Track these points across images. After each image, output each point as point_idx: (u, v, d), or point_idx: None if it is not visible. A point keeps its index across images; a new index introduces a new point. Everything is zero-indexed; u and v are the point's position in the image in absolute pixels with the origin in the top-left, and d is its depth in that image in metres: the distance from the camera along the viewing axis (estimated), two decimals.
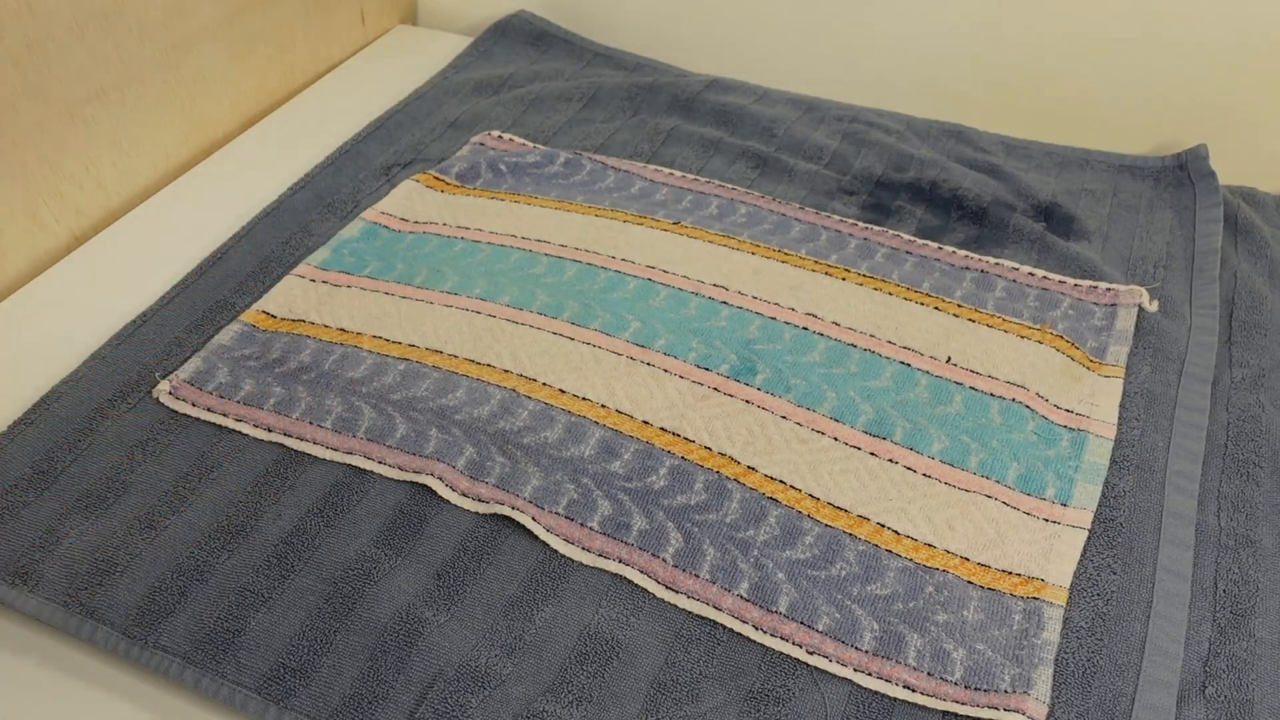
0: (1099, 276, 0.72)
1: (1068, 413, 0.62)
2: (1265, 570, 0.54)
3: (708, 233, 0.74)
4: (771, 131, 0.87)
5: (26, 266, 0.72)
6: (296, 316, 0.66)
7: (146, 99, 0.78)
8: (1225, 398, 0.64)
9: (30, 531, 0.53)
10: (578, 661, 0.49)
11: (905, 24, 0.91)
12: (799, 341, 0.65)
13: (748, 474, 0.57)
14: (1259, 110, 0.85)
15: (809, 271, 0.71)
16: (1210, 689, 0.49)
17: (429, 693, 0.47)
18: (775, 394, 0.61)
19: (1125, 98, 0.88)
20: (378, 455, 0.57)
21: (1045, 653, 0.49)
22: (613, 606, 0.51)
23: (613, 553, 0.53)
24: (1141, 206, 0.81)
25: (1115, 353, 0.66)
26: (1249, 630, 0.52)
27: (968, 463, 0.58)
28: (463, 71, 0.95)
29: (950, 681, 0.48)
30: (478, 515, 0.55)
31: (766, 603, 0.51)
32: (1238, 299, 0.72)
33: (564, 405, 0.60)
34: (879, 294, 0.69)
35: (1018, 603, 0.52)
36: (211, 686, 0.47)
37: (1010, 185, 0.81)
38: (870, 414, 0.61)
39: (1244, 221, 0.79)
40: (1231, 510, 0.58)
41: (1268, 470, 0.60)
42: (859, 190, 0.81)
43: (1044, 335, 0.66)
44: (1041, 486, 0.57)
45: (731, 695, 0.48)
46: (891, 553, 0.54)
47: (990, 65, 0.91)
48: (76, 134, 0.73)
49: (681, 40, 1.00)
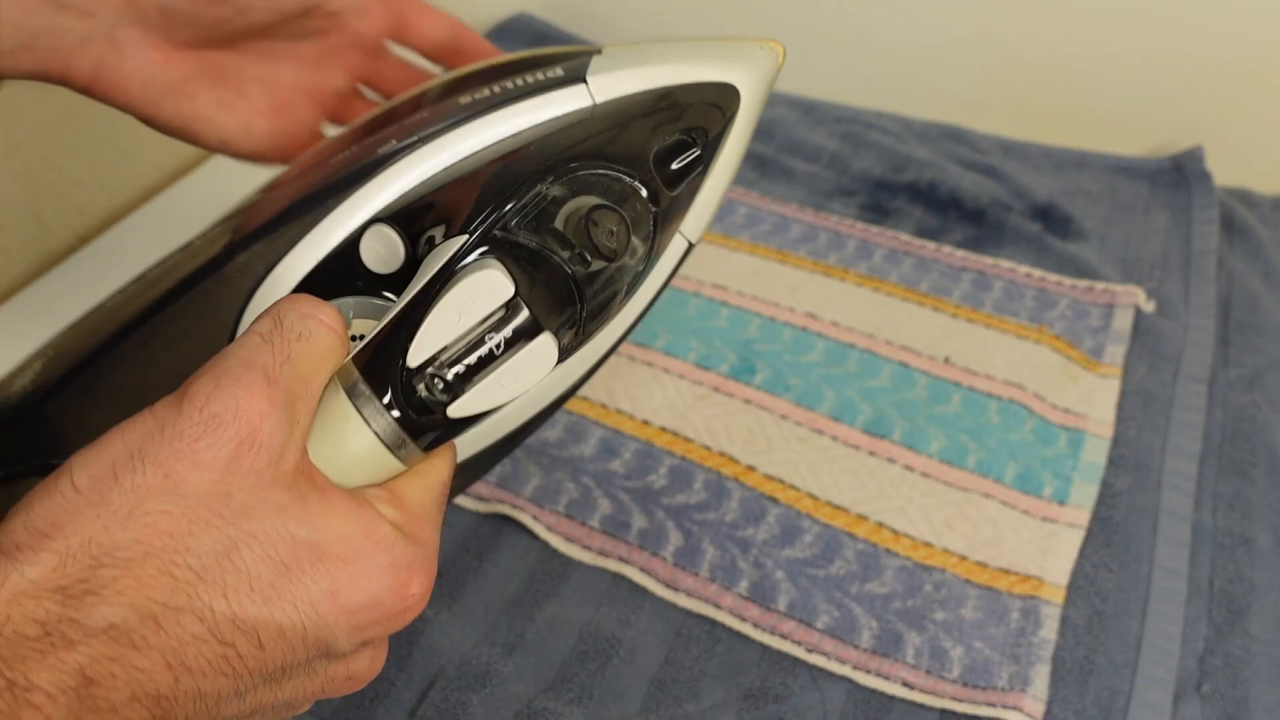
0: (1096, 277, 0.72)
1: (1065, 412, 0.62)
2: (1261, 569, 0.55)
3: (707, 233, 0.74)
4: (770, 132, 0.88)
5: (30, 267, 0.73)
6: None
7: None
8: (1221, 397, 0.65)
9: None
10: (578, 659, 0.49)
11: (904, 26, 0.92)
12: (798, 341, 0.66)
13: (747, 473, 0.57)
14: (1255, 112, 0.85)
15: (808, 272, 0.71)
16: (1206, 686, 0.50)
17: (430, 690, 0.47)
18: (774, 393, 0.62)
19: (1122, 100, 0.88)
20: None
21: (1042, 650, 0.50)
22: (613, 605, 0.52)
23: (613, 551, 0.53)
24: (1138, 207, 0.81)
25: (1112, 353, 0.66)
26: (1245, 628, 0.52)
27: (966, 462, 0.59)
28: None
29: (948, 679, 0.49)
30: (478, 514, 0.55)
31: (766, 601, 0.52)
32: (1233, 299, 0.72)
33: (565, 406, 0.60)
34: (878, 294, 0.70)
35: (1015, 601, 0.52)
36: None
37: (1008, 186, 0.81)
38: (869, 413, 0.61)
39: (1240, 223, 0.79)
40: (1227, 509, 0.58)
41: (1263, 469, 0.60)
42: (857, 191, 0.82)
43: (1041, 335, 0.67)
44: (1039, 485, 0.58)
45: (731, 693, 0.48)
46: (890, 551, 0.54)
47: (988, 68, 0.91)
48: (80, 135, 0.74)
49: None
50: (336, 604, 0.26)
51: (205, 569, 0.25)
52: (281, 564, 0.26)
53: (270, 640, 0.25)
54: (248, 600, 0.25)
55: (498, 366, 0.32)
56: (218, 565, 0.25)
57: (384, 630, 0.29)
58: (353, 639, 0.27)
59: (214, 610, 0.24)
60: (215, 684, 0.24)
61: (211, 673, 0.24)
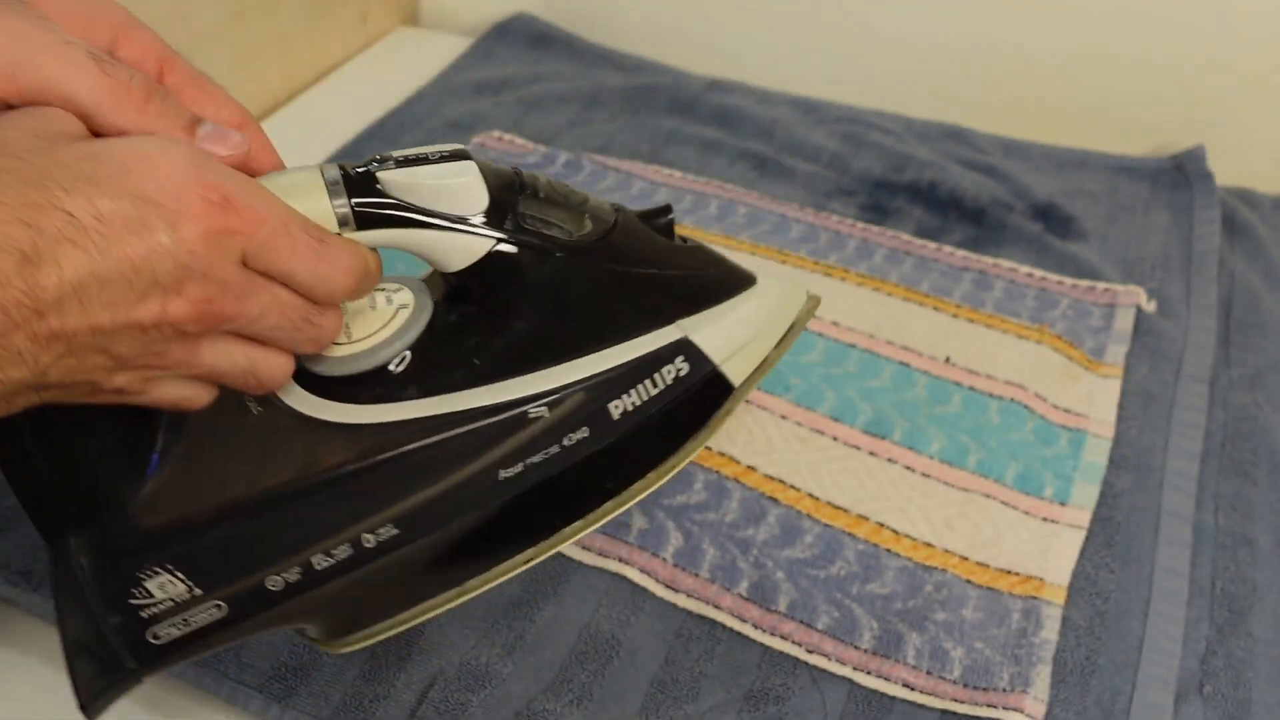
0: (1097, 277, 0.72)
1: (1066, 412, 0.62)
2: (1262, 569, 0.55)
3: (707, 233, 0.74)
4: (771, 132, 0.88)
5: None
6: None
7: None
8: (1222, 397, 0.64)
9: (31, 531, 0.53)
10: (578, 660, 0.49)
11: (904, 26, 0.92)
12: (798, 341, 0.65)
13: (747, 473, 0.57)
14: (1256, 112, 0.85)
15: (808, 272, 0.71)
16: (1208, 687, 0.49)
17: (430, 691, 0.47)
18: (774, 394, 0.62)
19: (1123, 99, 0.88)
20: None
21: (1043, 651, 0.50)
22: (613, 605, 0.51)
23: (613, 552, 0.53)
24: (1139, 207, 0.81)
25: (1113, 353, 0.66)
26: (1246, 629, 0.52)
27: (966, 462, 0.59)
28: (464, 73, 0.96)
29: (949, 680, 0.48)
30: None
31: (766, 602, 0.51)
32: (1235, 299, 0.72)
33: None
34: (878, 294, 0.69)
35: (1016, 601, 0.52)
36: (213, 684, 0.47)
37: (1008, 186, 0.81)
38: (869, 413, 0.61)
39: (1241, 222, 0.79)
40: (1229, 509, 0.58)
41: (1265, 470, 0.60)
42: (858, 191, 0.81)
43: (1043, 336, 0.67)
44: (1040, 486, 0.58)
45: (731, 694, 0.48)
46: (890, 552, 0.54)
47: (989, 67, 0.91)
48: None
49: (681, 41, 1.00)
50: None
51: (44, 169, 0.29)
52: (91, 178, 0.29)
53: None
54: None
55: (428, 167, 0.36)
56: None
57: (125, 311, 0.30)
58: None
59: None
60: None
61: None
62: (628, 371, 0.40)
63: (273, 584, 0.37)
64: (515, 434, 0.38)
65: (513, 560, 0.41)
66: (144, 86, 0.33)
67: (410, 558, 0.38)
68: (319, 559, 0.37)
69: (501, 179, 0.38)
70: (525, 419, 0.38)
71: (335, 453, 0.37)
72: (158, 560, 0.35)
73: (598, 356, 0.40)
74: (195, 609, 0.36)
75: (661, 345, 0.41)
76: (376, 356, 0.38)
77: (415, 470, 0.37)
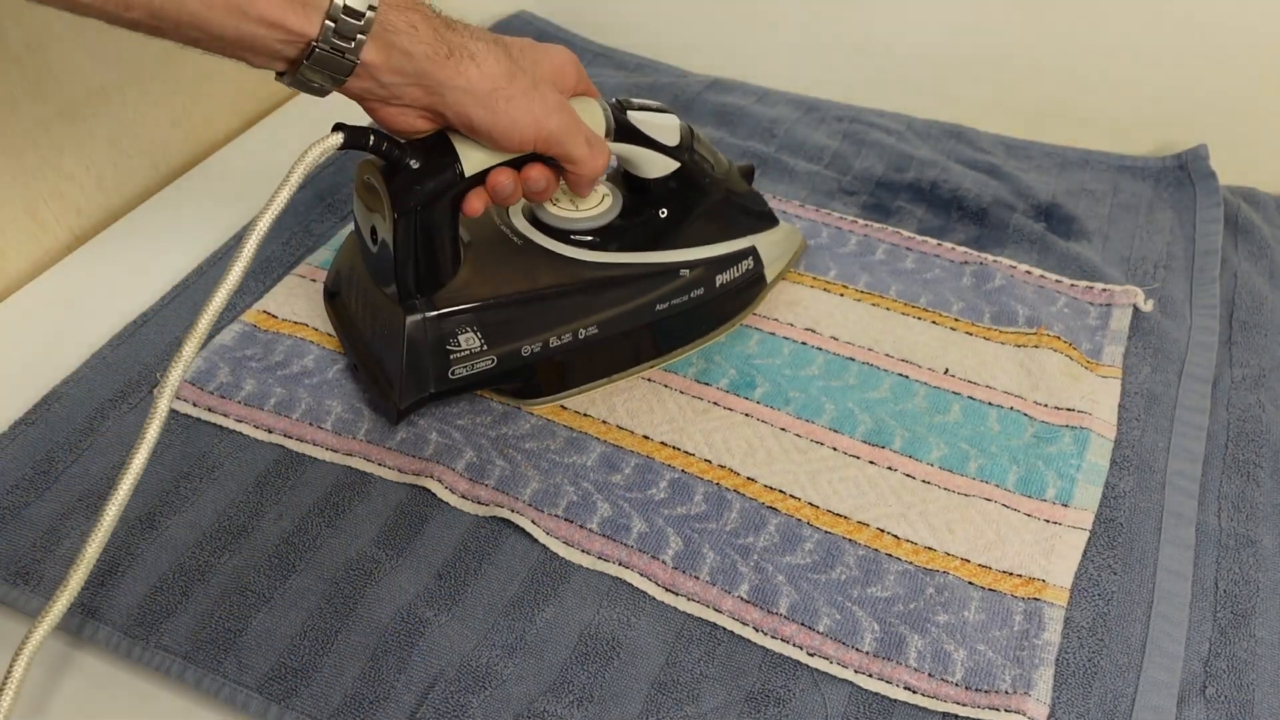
0: (1099, 277, 0.72)
1: (1068, 412, 0.62)
2: (1266, 570, 0.54)
3: None
4: (771, 132, 0.87)
5: (27, 266, 0.72)
6: (299, 319, 0.66)
7: (147, 99, 0.78)
8: (1225, 398, 0.64)
9: (31, 531, 0.53)
10: (578, 662, 0.49)
11: (905, 25, 0.91)
12: (797, 355, 0.65)
13: (747, 485, 0.57)
14: (1259, 110, 0.85)
15: (806, 287, 0.71)
16: (1211, 689, 0.49)
17: (430, 692, 0.47)
18: (774, 407, 0.62)
19: (1125, 98, 0.88)
20: (377, 457, 0.57)
21: (1046, 653, 0.49)
22: (613, 607, 0.51)
23: (612, 555, 0.53)
24: (1142, 207, 0.81)
25: (1111, 353, 0.66)
26: (1249, 631, 0.52)
27: (967, 468, 0.58)
28: None
29: (951, 682, 0.48)
30: (477, 517, 0.55)
31: (767, 604, 0.51)
32: (1238, 299, 0.72)
33: (565, 421, 0.60)
34: (876, 309, 0.69)
35: (1018, 603, 0.52)
36: (213, 686, 0.47)
37: (1010, 185, 0.81)
38: (869, 423, 0.61)
39: (1244, 222, 0.79)
40: (1232, 511, 0.58)
41: (1268, 470, 0.60)
42: (859, 190, 0.81)
43: (1040, 338, 0.66)
44: (1042, 487, 0.57)
45: (732, 696, 0.48)
46: (891, 556, 0.54)
47: (990, 66, 0.91)
48: (77, 134, 0.73)
49: (681, 40, 1.00)
50: None
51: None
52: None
53: None
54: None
55: (651, 114, 0.60)
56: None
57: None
58: None
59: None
60: None
61: None
62: (727, 258, 0.64)
63: (525, 351, 0.58)
64: (669, 282, 0.62)
65: (650, 363, 0.63)
66: None
67: (599, 349, 0.60)
68: (553, 339, 0.58)
69: (686, 129, 0.61)
70: (675, 274, 0.62)
71: (565, 276, 0.59)
72: (469, 322, 0.56)
73: (715, 246, 0.64)
74: (479, 358, 0.57)
75: (744, 247, 0.66)
76: (594, 222, 0.61)
77: (610, 294, 0.60)
